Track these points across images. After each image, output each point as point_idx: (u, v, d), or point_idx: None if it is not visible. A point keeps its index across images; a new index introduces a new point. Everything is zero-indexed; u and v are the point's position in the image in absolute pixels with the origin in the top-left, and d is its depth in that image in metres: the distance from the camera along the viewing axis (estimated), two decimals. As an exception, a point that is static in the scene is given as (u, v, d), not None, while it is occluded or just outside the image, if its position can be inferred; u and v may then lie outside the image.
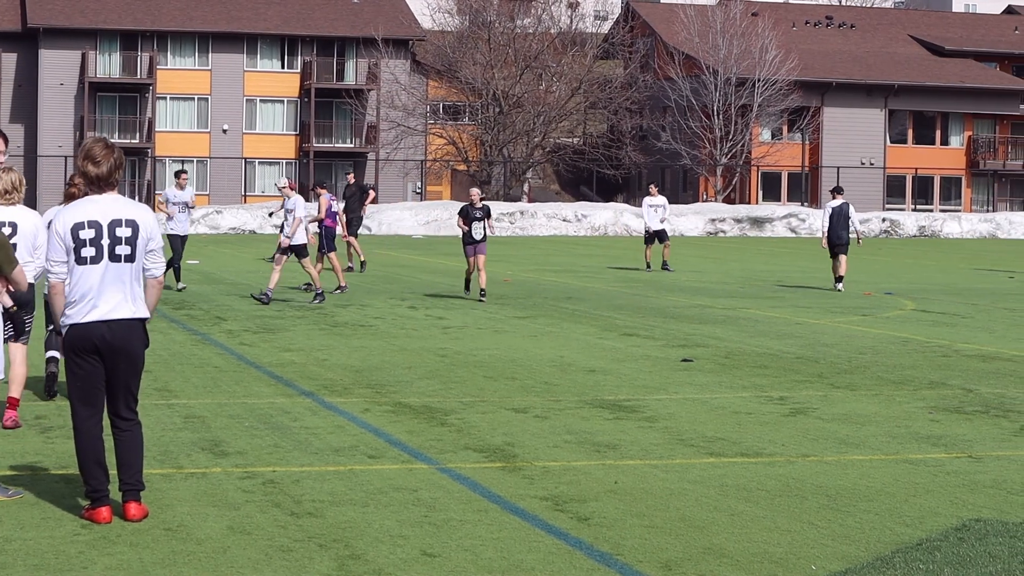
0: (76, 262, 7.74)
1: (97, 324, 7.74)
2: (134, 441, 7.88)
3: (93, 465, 7.80)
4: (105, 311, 7.75)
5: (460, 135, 73.09)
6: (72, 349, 7.76)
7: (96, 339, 7.73)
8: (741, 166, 72.42)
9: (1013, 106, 77.36)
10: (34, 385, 12.81)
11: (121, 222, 7.80)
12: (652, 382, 13.78)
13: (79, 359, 7.76)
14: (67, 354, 7.81)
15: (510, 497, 8.50)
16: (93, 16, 70.59)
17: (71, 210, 7.84)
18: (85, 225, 7.75)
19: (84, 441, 7.82)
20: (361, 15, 73.92)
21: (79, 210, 7.81)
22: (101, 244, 7.74)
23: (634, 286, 27.73)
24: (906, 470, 9.52)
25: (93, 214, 7.78)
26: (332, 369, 14.41)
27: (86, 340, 7.73)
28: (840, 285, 27.33)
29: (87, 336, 7.73)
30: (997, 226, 64.66)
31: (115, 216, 7.80)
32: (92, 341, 7.73)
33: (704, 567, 7.02)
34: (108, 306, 7.76)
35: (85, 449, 7.82)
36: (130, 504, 7.77)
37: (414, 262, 36.00)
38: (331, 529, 7.67)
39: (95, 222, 7.76)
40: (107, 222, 7.78)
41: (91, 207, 7.81)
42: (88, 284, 7.74)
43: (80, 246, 7.73)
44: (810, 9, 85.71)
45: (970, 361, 15.81)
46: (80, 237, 7.73)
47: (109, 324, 7.76)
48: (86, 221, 7.76)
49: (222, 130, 72.19)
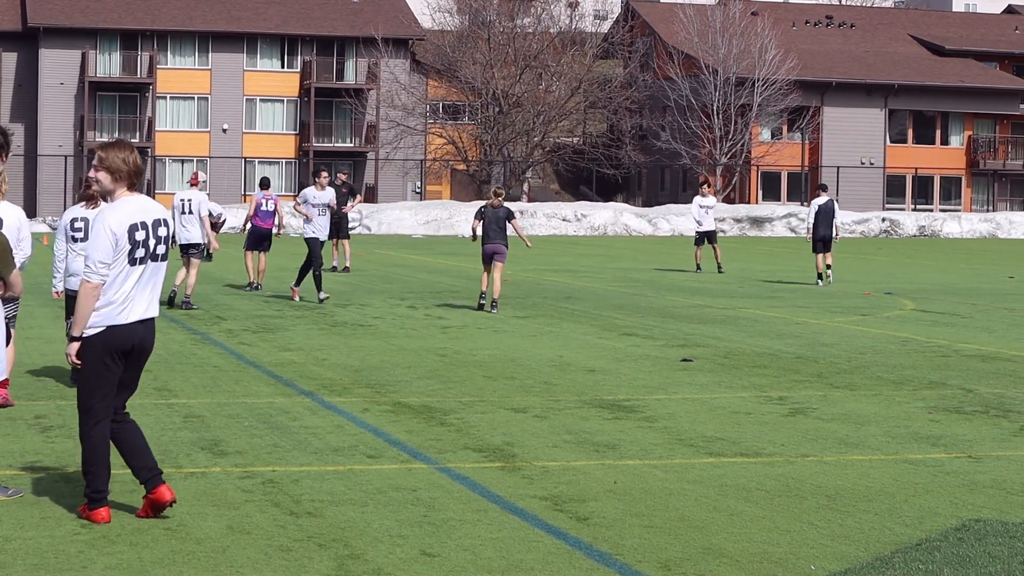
0: (128, 263, 7.65)
1: (135, 325, 7.71)
2: (137, 429, 7.91)
3: (103, 467, 7.79)
4: (141, 311, 7.74)
5: (460, 135, 73.09)
6: (108, 350, 7.67)
7: (135, 340, 7.72)
8: (741, 166, 72.43)
9: (1013, 106, 77.36)
10: (34, 384, 12.81)
11: (161, 222, 7.81)
12: (651, 382, 13.78)
13: (111, 361, 7.70)
14: (99, 355, 7.67)
15: (509, 497, 8.51)
16: (93, 16, 70.59)
17: (120, 210, 7.69)
18: (139, 226, 7.69)
19: (100, 443, 7.77)
20: (361, 15, 73.92)
21: (128, 210, 7.70)
22: (148, 244, 7.72)
23: (633, 286, 27.73)
24: (906, 470, 9.52)
25: (140, 215, 7.73)
26: (331, 369, 14.41)
27: (126, 341, 7.69)
28: (829, 277, 28.30)
29: (128, 337, 7.69)
30: (997, 226, 64.66)
31: (156, 216, 7.80)
32: (131, 342, 7.71)
33: (703, 567, 7.03)
34: (144, 306, 7.76)
35: (101, 451, 7.78)
36: (163, 488, 7.73)
37: (414, 262, 36.01)
38: (330, 529, 7.67)
39: (144, 223, 7.72)
40: (151, 221, 7.76)
41: (136, 207, 7.74)
42: (132, 284, 7.68)
43: (135, 247, 7.65)
44: (810, 9, 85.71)
45: (970, 361, 15.81)
46: (136, 238, 7.66)
47: (144, 324, 7.76)
48: (139, 222, 7.69)
49: (222, 130, 72.18)
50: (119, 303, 7.66)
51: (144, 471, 7.78)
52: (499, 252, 21.07)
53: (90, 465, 7.76)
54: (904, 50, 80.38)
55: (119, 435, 7.88)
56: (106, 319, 7.66)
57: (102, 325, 7.66)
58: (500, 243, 21.07)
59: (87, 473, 7.78)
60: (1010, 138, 78.22)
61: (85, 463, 7.79)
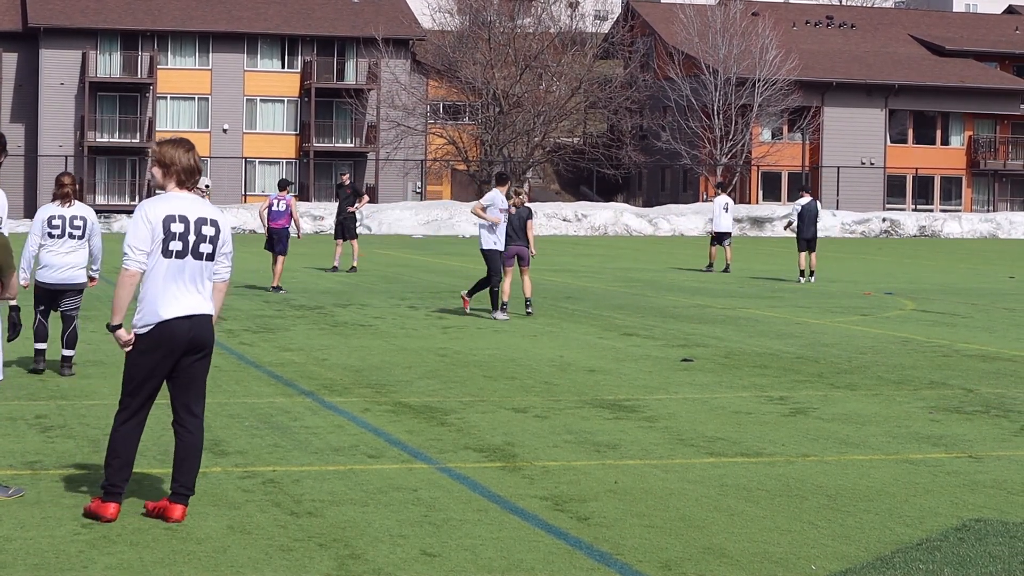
0: (162, 254, 7.68)
1: (180, 321, 7.71)
2: (192, 445, 7.88)
3: (124, 463, 7.78)
4: (185, 307, 7.72)
5: (460, 135, 73.10)
6: (151, 347, 7.68)
7: (182, 336, 7.71)
8: (741, 166, 72.42)
9: (1014, 106, 77.36)
10: (34, 384, 12.81)
11: (206, 221, 7.81)
12: (652, 382, 13.78)
13: (152, 358, 7.70)
14: (139, 351, 7.70)
15: (510, 497, 8.50)
16: (93, 16, 70.59)
17: (161, 203, 7.76)
18: (176, 219, 7.72)
19: (125, 438, 7.79)
20: (361, 15, 73.93)
21: (170, 204, 7.75)
22: (188, 240, 7.73)
23: (634, 286, 27.73)
24: (906, 470, 9.52)
25: (181, 209, 7.75)
26: (332, 369, 14.41)
27: (170, 338, 7.68)
28: (812, 278, 29.01)
29: (172, 333, 7.68)
30: (997, 226, 64.66)
31: (201, 214, 7.81)
32: (177, 338, 7.70)
33: (704, 567, 7.02)
34: (189, 301, 7.74)
35: (124, 446, 7.78)
36: (179, 507, 7.77)
37: (414, 262, 36.01)
38: (331, 528, 7.67)
39: (184, 217, 7.74)
40: (194, 219, 7.77)
41: (179, 202, 7.78)
42: (169, 278, 7.68)
43: (169, 239, 7.68)
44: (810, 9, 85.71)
45: (970, 361, 15.81)
46: (171, 230, 7.68)
47: (192, 319, 7.75)
48: (177, 215, 7.72)
49: (222, 130, 72.20)
50: (156, 297, 7.67)
51: (175, 483, 7.82)
52: (522, 255, 20.05)
53: (111, 457, 7.79)
54: (904, 50, 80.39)
55: (177, 440, 7.91)
56: (148, 316, 7.69)
57: (146, 323, 7.69)
58: (523, 244, 20.03)
59: (107, 464, 7.79)
60: (1010, 138, 78.22)
61: (107, 453, 7.81)
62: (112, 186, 70.55)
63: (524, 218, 20.03)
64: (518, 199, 20.00)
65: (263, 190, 71.67)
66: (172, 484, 7.82)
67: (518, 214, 19.99)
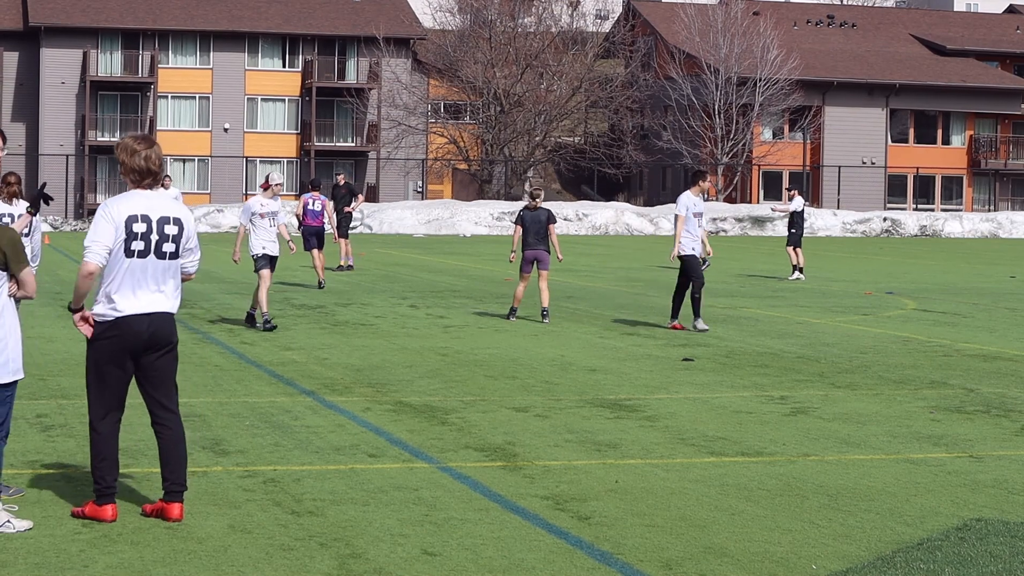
0: (124, 254, 7.69)
1: (139, 317, 7.71)
2: (176, 438, 7.87)
3: (111, 462, 7.78)
4: (146, 304, 7.73)
5: (461, 134, 73.08)
6: (111, 344, 7.69)
7: (141, 333, 7.71)
8: (742, 165, 72.41)
9: (1014, 105, 77.32)
10: (35, 384, 12.81)
11: (169, 220, 7.81)
12: (653, 381, 13.78)
13: (113, 355, 7.71)
14: (100, 349, 7.72)
15: (511, 496, 8.50)
16: (94, 15, 70.59)
17: (123, 201, 7.77)
18: (138, 218, 7.72)
19: (106, 437, 7.78)
20: (362, 14, 73.92)
21: (130, 203, 7.76)
22: (150, 239, 7.73)
23: (635, 285, 27.73)
24: (907, 470, 9.51)
25: (144, 208, 7.76)
26: (333, 368, 14.41)
27: (129, 335, 7.69)
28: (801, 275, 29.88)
29: (131, 330, 7.69)
30: (998, 225, 64.64)
31: (164, 213, 7.81)
32: (136, 335, 7.70)
33: (705, 566, 7.02)
34: (150, 299, 7.74)
35: (107, 445, 7.78)
36: (176, 506, 7.78)
37: (415, 261, 35.99)
38: (332, 528, 7.67)
39: (147, 217, 7.74)
40: (156, 218, 7.77)
41: (141, 201, 7.78)
42: (130, 276, 7.70)
43: (131, 239, 7.68)
44: (811, 8, 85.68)
45: (971, 361, 15.80)
46: (133, 230, 7.69)
47: (152, 317, 7.75)
48: (139, 215, 7.73)
49: (223, 129, 72.19)
50: (114, 293, 7.69)
51: (167, 481, 7.82)
52: (541, 259, 19.15)
53: (97, 460, 7.78)
54: (905, 50, 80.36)
55: (157, 437, 7.91)
56: (107, 311, 7.71)
57: (104, 318, 7.70)
58: (542, 248, 19.12)
59: (94, 468, 7.78)
60: (1011, 138, 78.18)
61: (92, 457, 7.80)
62: (113, 185, 70.52)
63: (543, 222, 19.15)
64: (534, 202, 19.26)
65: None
66: (164, 484, 7.82)
67: (534, 218, 19.18)
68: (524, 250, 19.20)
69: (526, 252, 19.21)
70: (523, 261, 19.30)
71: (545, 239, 19.16)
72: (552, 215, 19.22)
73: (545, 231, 19.12)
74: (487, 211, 59.51)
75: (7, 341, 7.73)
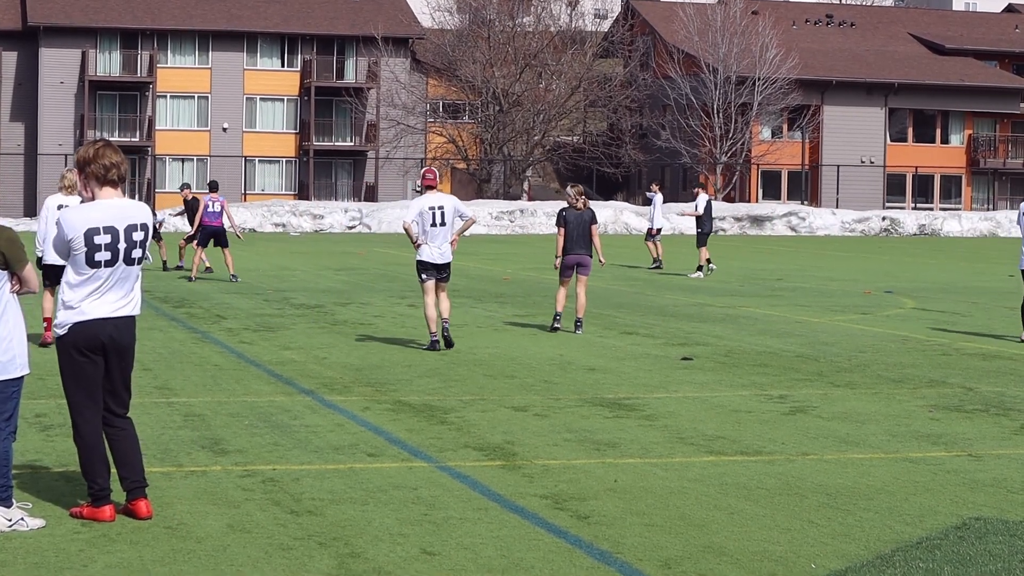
0: (88, 264, 7.67)
1: (103, 321, 7.73)
2: (130, 437, 7.92)
3: (102, 464, 7.79)
4: (109, 308, 7.75)
5: (460, 133, 73.07)
6: (78, 347, 7.73)
7: (104, 336, 7.73)
8: (741, 164, 72.41)
9: (1013, 104, 77.32)
10: (34, 383, 12.81)
11: (136, 227, 7.80)
12: (652, 380, 13.78)
13: (84, 357, 7.74)
14: (70, 353, 7.76)
15: (510, 495, 8.50)
16: (93, 15, 70.57)
17: (86, 211, 7.72)
18: (101, 231, 7.67)
19: (93, 440, 7.80)
20: (361, 13, 73.90)
21: (95, 213, 7.71)
22: (118, 248, 7.71)
23: (634, 284, 27.73)
24: (906, 468, 9.52)
25: (109, 220, 7.72)
26: (332, 367, 14.41)
27: (94, 337, 7.72)
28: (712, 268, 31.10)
29: (96, 333, 7.71)
30: (997, 224, 64.65)
31: (131, 221, 7.79)
32: (101, 337, 7.73)
33: (704, 565, 7.02)
34: (113, 303, 7.77)
35: (96, 448, 7.80)
36: (142, 502, 7.80)
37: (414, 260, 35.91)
38: (331, 527, 7.67)
39: (111, 227, 7.70)
40: (124, 227, 7.74)
41: (111, 211, 7.74)
42: (97, 284, 7.72)
43: (93, 251, 7.65)
44: (810, 7, 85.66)
45: (970, 359, 15.81)
46: (95, 243, 7.65)
47: (115, 321, 7.77)
48: (102, 227, 7.68)
49: (222, 128, 72.17)
50: (77, 300, 7.71)
51: (127, 481, 7.84)
52: (584, 264, 17.93)
53: (87, 464, 7.78)
54: (904, 49, 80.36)
55: (111, 441, 7.91)
56: (72, 316, 7.73)
57: (68, 323, 7.73)
58: (584, 253, 17.85)
59: (86, 472, 7.79)
60: (1010, 137, 78.19)
61: (83, 463, 7.81)
62: (112, 185, 70.55)
63: (587, 222, 17.85)
64: (579, 200, 17.86)
65: (263, 189, 71.70)
66: (123, 483, 7.84)
67: (579, 219, 17.83)
68: (565, 255, 17.90)
69: (567, 257, 17.89)
70: (564, 266, 18.02)
71: (588, 242, 17.93)
72: (595, 215, 18.05)
73: (588, 233, 17.97)
74: (486, 210, 59.49)
75: (12, 337, 7.74)
